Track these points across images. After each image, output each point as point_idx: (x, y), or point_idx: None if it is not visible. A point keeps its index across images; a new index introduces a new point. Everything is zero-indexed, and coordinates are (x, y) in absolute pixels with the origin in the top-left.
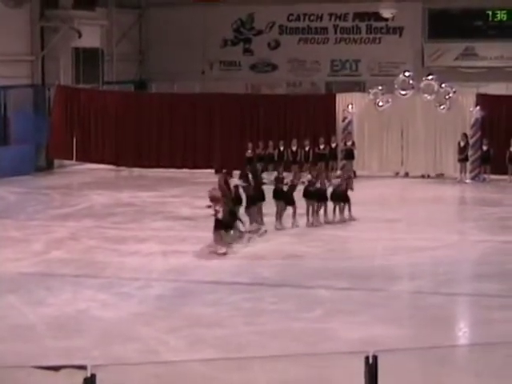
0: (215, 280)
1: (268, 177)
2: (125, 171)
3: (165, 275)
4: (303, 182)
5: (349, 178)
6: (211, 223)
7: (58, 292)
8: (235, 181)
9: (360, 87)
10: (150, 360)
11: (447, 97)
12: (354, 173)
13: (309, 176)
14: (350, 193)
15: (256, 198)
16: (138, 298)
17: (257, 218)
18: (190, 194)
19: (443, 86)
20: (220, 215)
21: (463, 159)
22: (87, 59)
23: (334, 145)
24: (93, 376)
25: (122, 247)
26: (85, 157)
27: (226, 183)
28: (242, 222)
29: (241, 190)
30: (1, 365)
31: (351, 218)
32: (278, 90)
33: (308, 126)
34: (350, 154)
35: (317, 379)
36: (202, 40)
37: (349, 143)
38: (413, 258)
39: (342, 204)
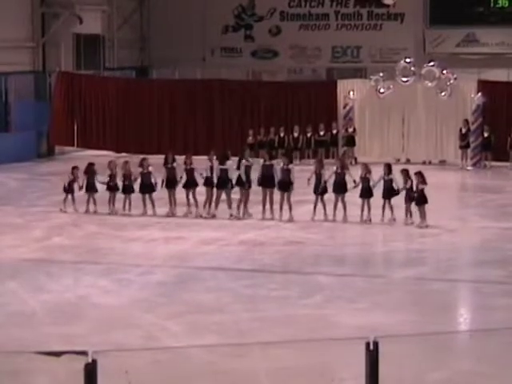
0: (216, 266)
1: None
2: (126, 157)
3: (166, 261)
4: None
5: (420, 175)
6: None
7: (58, 278)
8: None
9: (361, 74)
10: (151, 346)
11: (448, 83)
12: (355, 159)
13: (334, 168)
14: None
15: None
16: (138, 284)
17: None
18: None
19: (444, 72)
20: None
21: (464, 146)
22: (88, 45)
23: (334, 131)
24: (94, 362)
25: (124, 233)
26: (86, 143)
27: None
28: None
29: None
30: (1, 351)
31: (426, 224)
32: (279, 77)
33: (309, 112)
34: (351, 141)
35: (317, 365)
36: (203, 26)
37: (350, 130)
38: (414, 244)
39: (422, 206)
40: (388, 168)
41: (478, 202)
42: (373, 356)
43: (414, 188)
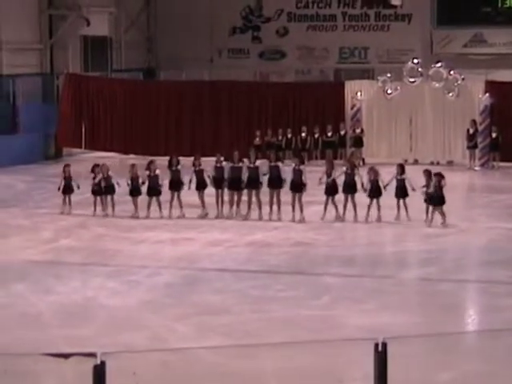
0: (223, 268)
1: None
2: (133, 159)
3: (173, 263)
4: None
5: (440, 176)
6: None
7: (66, 280)
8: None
9: (369, 74)
10: (159, 347)
11: (456, 84)
12: (363, 160)
13: (344, 168)
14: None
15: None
16: (146, 285)
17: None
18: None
19: (452, 73)
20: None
21: (472, 146)
22: (95, 47)
23: (342, 132)
24: (102, 363)
25: (131, 235)
26: (93, 145)
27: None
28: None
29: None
30: (10, 353)
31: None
32: (286, 78)
33: (317, 113)
34: (358, 142)
35: (325, 366)
36: (211, 27)
37: (358, 130)
38: (421, 244)
39: (440, 207)
40: (401, 168)
41: (485, 202)
42: (381, 357)
43: (433, 188)
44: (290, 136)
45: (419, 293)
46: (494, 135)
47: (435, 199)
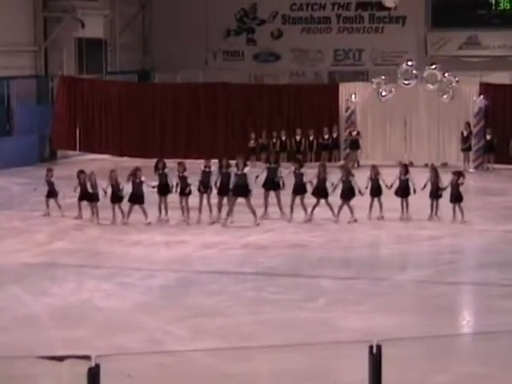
0: (218, 270)
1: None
2: (128, 161)
3: (168, 265)
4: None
5: (460, 174)
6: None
7: (61, 282)
8: None
9: (363, 77)
10: (154, 350)
11: (450, 86)
12: (358, 162)
13: (339, 176)
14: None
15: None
16: (141, 288)
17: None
18: (193, 184)
19: (446, 75)
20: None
21: (466, 149)
22: (90, 49)
23: (335, 134)
24: (97, 366)
25: (125, 237)
26: (88, 147)
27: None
28: None
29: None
30: (5, 355)
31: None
32: (281, 80)
33: (311, 115)
34: (355, 144)
35: (320, 369)
36: (206, 30)
37: (354, 133)
38: (417, 246)
39: (458, 204)
40: (405, 168)
41: (480, 204)
42: (376, 360)
43: (448, 186)
44: (284, 138)
45: (415, 295)
46: (488, 137)
47: (452, 197)
